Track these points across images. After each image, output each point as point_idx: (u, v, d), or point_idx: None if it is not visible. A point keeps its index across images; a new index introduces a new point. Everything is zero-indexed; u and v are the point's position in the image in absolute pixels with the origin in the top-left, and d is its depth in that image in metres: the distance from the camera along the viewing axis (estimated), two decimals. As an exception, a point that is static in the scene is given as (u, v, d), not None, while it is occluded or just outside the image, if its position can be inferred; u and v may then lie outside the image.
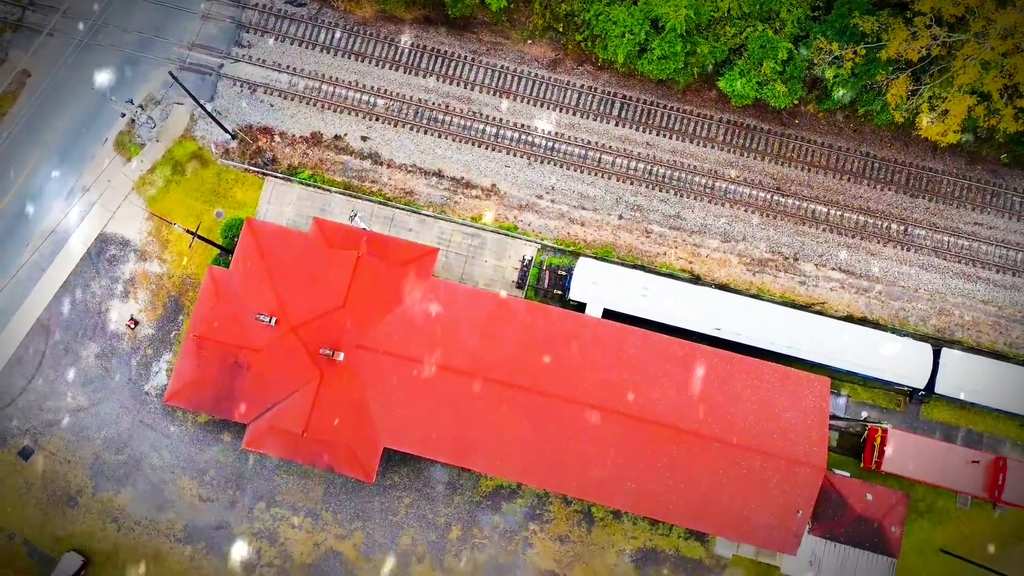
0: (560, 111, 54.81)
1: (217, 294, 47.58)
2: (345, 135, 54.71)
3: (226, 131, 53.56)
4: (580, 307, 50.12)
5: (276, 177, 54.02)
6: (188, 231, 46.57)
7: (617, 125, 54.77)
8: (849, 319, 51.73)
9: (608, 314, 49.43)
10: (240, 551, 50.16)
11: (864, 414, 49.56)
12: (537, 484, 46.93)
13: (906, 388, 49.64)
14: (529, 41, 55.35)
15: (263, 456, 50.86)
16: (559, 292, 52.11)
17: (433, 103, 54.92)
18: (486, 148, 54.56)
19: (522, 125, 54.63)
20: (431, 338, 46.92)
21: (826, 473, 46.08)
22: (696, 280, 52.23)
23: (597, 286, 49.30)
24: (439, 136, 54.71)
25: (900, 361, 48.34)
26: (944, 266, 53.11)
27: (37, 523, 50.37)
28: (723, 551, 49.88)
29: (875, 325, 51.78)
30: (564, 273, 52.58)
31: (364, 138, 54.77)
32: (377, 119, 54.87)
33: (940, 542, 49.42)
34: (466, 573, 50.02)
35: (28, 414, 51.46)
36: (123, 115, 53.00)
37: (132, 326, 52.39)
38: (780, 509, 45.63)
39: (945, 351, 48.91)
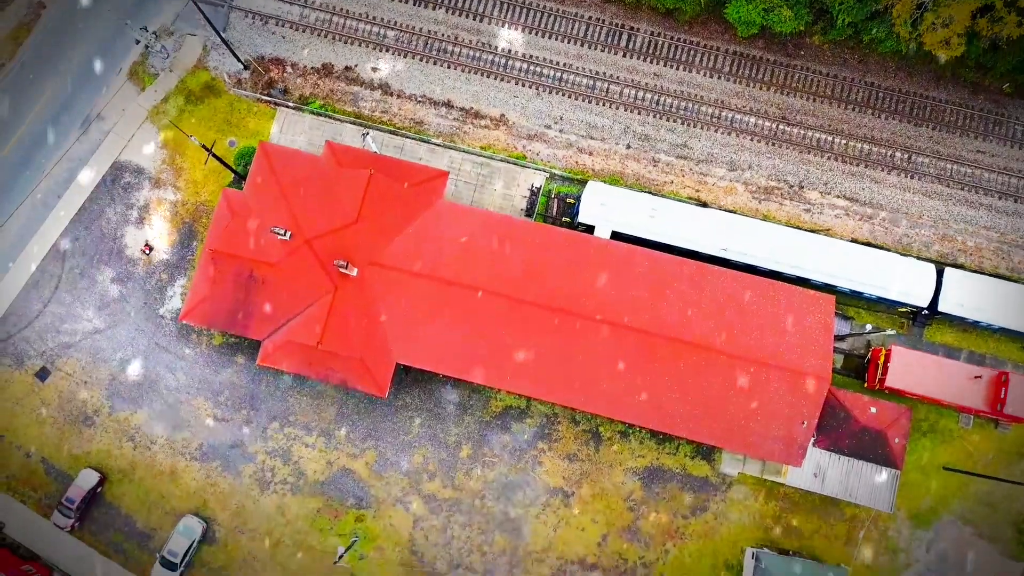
0: (568, 42, 55.49)
1: (232, 214, 48.38)
2: (356, 66, 55.43)
3: (239, 61, 54.28)
4: (589, 231, 50.91)
5: (288, 107, 54.77)
6: (204, 146, 47.33)
7: (624, 56, 55.47)
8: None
9: (616, 237, 50.23)
10: (254, 469, 51.08)
11: (868, 327, 50.32)
12: (547, 397, 47.77)
13: (910, 308, 50.46)
14: (538, -26, 56.04)
15: (276, 377, 51.75)
16: (567, 220, 52.92)
17: (442, 35, 55.61)
18: (495, 79, 55.27)
19: (530, 56, 55.32)
20: (443, 256, 47.72)
21: (831, 388, 46.94)
22: (703, 207, 53.00)
23: (606, 208, 50.08)
24: (448, 67, 55.44)
25: (904, 280, 49.14)
26: (947, 193, 53.88)
27: (54, 442, 51.28)
28: (728, 469, 50.78)
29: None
30: (572, 201, 53.36)
31: (374, 69, 55.50)
32: (387, 50, 55.58)
33: (943, 460, 50.28)
34: (476, 490, 50.93)
35: (44, 337, 52.31)
36: (137, 42, 53.68)
37: (147, 251, 53.21)
38: (786, 421, 46.48)
39: (948, 270, 49.71)
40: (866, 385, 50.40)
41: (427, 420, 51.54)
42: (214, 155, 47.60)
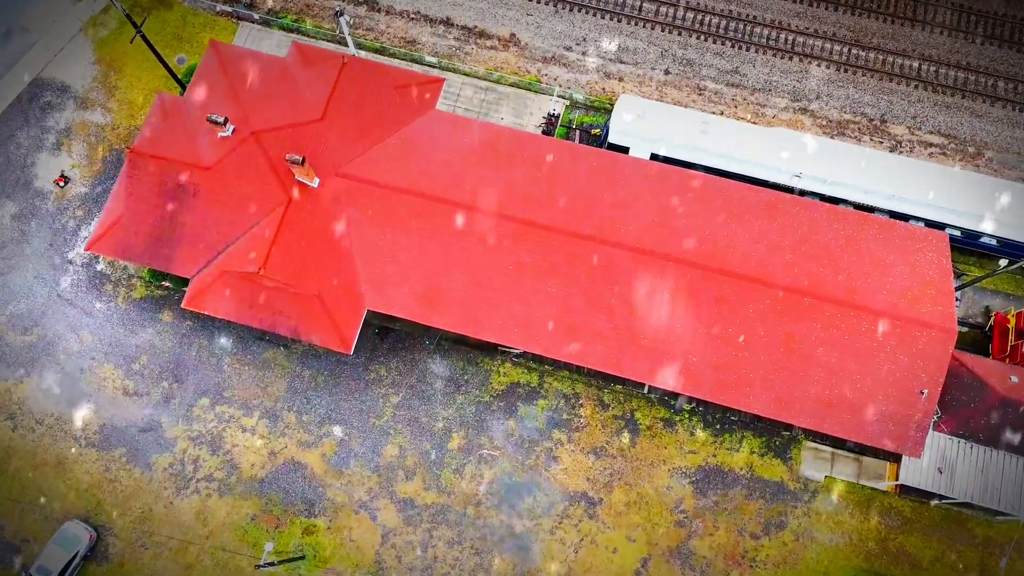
0: (593, -44, 46.42)
1: (166, 118, 37.61)
2: (337, -21, 46.19)
3: (197, -34, 45.09)
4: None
5: (253, 21, 45.09)
6: (126, 15, 36.97)
7: (661, -28, 46.20)
8: (955, 189, 41.26)
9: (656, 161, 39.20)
10: (171, 460, 37.95)
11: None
12: (568, 358, 35.28)
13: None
14: None
15: (212, 339, 39.46)
16: (592, 157, 42.05)
17: (443, -54, 46.66)
18: (505, -4, 45.84)
19: (548, -29, 46.12)
20: (435, 173, 36.57)
21: (954, 351, 34.52)
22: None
23: (644, 124, 39.28)
24: (449, -18, 46.12)
25: (1036, 216, 37.63)
26: (1068, 129, 43.15)
27: (-92, 419, 38.53)
28: (811, 471, 37.52)
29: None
30: (598, 132, 42.72)
31: (360, -17, 46.19)
32: (377, -37, 46.46)
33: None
34: (469, 494, 37.53)
35: (-83, 284, 40.53)
36: (74, -63, 44.64)
37: (61, 184, 42.12)
38: (896, 391, 33.82)
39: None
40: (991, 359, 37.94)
41: (407, 399, 38.81)
42: (141, 34, 37.29)
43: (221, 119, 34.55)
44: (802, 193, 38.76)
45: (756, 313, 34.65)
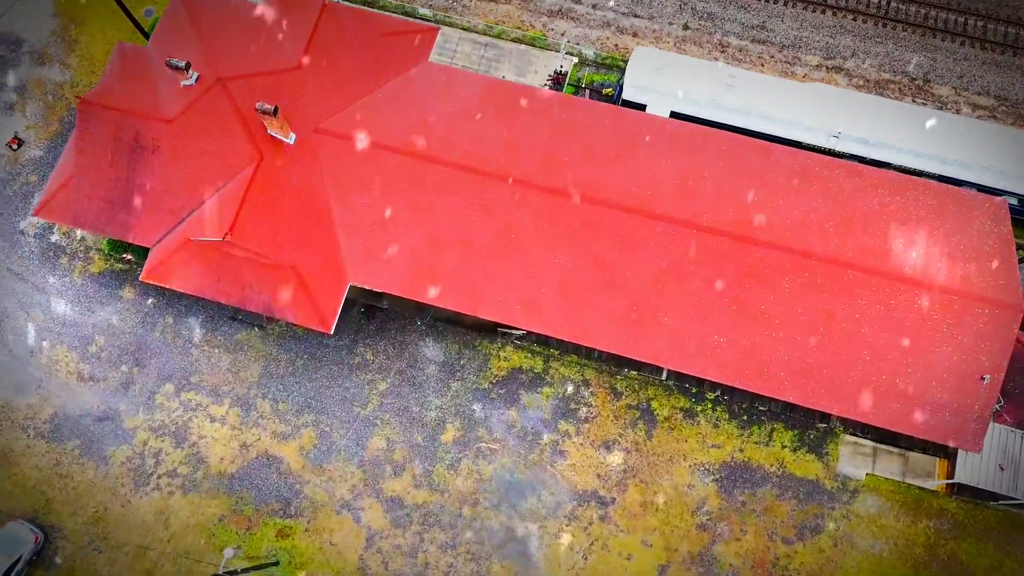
0: (604, -99, 42.16)
1: (126, 68, 33.35)
2: (324, -72, 41.84)
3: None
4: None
5: (229, -29, 40.85)
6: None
7: (679, -81, 41.95)
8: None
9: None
10: (129, 454, 33.79)
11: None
12: (577, 339, 31.12)
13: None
14: None
15: (179, 319, 35.27)
16: (603, 120, 37.77)
17: None
18: (507, -56, 41.56)
19: (555, -83, 41.88)
20: (428, 130, 32.32)
21: (1020, 331, 30.29)
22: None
23: (662, 77, 35.03)
24: (446, -71, 41.84)
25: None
26: None
27: None
28: (850, 468, 33.31)
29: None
30: (610, 91, 38.51)
31: (348, -70, 41.93)
32: (366, -91, 42.20)
33: None
34: (465, 492, 33.35)
35: None
36: None
37: (14, 146, 37.91)
38: (952, 376, 29.61)
39: None
40: (1054, 342, 33.72)
41: (396, 386, 34.61)
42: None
43: (182, 64, 30.30)
44: (840, 156, 34.56)
45: (792, 288, 30.46)
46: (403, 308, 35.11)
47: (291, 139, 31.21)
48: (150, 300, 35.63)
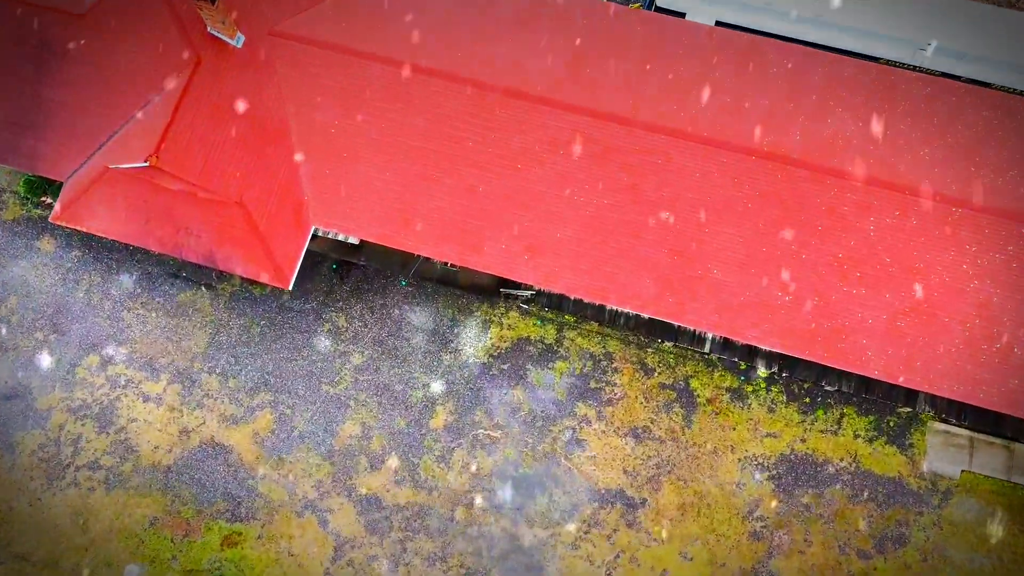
0: None
1: (36, -38, 26.75)
2: None
3: None
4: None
5: None
6: None
7: None
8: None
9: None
10: (42, 440, 27.30)
11: None
12: (600, 298, 24.55)
13: None
14: None
15: (107, 276, 28.73)
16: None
17: None
18: None
19: None
20: (413, 34, 25.72)
21: None
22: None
23: (706, -22, 28.37)
24: None
25: None
26: None
27: None
28: (942, 464, 26.65)
29: None
30: (639, 4, 31.82)
31: None
32: None
33: None
34: (458, 490, 26.76)
35: None
36: None
37: (-84, 69, 31.39)
38: (1088, 346, 22.98)
39: None
40: None
41: (374, 360, 28.02)
42: None
43: (97, -61, 23.73)
44: (931, 75, 27.88)
45: (877, 232, 23.81)
46: (384, 263, 28.52)
47: (238, 41, 24.59)
48: (74, 253, 29.08)
